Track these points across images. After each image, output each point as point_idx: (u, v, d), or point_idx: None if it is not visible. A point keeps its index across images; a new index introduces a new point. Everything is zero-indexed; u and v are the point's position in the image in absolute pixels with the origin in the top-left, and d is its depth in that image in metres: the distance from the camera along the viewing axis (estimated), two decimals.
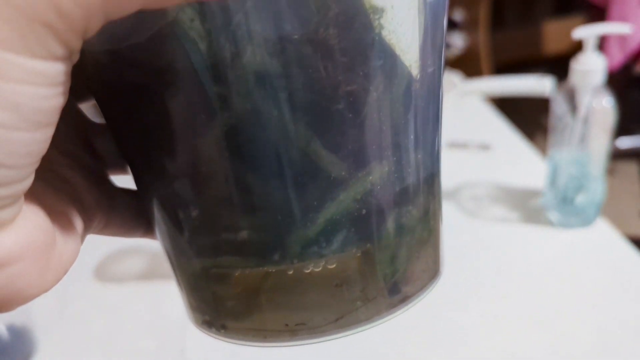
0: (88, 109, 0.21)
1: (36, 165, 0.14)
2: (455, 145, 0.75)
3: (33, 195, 0.15)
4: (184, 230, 0.18)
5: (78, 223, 0.18)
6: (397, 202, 0.18)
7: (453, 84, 0.72)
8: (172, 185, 0.18)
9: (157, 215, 0.19)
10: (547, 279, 0.54)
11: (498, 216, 0.63)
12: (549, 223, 0.61)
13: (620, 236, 0.58)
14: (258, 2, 0.14)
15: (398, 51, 0.16)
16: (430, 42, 0.17)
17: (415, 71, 0.17)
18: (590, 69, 0.53)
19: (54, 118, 0.14)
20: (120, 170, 0.22)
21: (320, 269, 0.17)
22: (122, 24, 0.13)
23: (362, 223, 0.17)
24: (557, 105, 0.58)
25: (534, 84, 0.65)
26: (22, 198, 0.15)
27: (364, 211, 0.17)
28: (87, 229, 0.19)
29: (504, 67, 1.68)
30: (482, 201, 0.65)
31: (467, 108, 0.81)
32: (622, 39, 1.28)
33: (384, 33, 0.15)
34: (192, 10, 0.14)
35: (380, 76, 0.16)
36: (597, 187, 0.59)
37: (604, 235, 0.59)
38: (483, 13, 1.63)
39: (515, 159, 0.72)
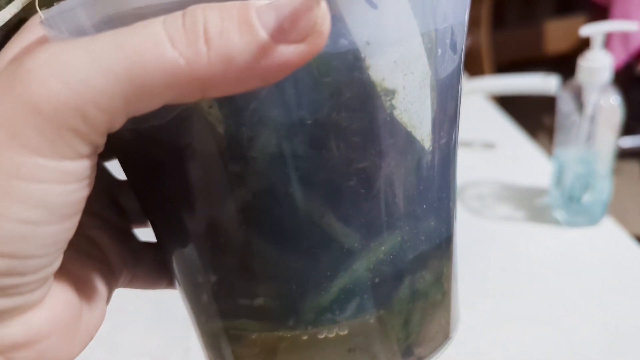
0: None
1: (64, 248, 0.15)
2: (459, 143, 0.74)
3: (61, 269, 0.15)
4: (203, 293, 0.19)
5: (104, 288, 0.18)
6: (410, 269, 0.18)
7: None
8: (191, 251, 0.18)
9: (178, 276, 0.20)
10: (553, 277, 0.54)
11: (503, 215, 0.62)
12: (555, 222, 0.60)
13: (626, 235, 0.57)
14: (272, 91, 0.14)
15: (410, 128, 0.16)
16: (443, 115, 0.17)
17: (427, 144, 0.17)
18: (598, 66, 0.53)
19: (81, 207, 0.14)
20: (144, 224, 0.22)
21: (333, 334, 0.18)
22: None
23: (375, 291, 0.18)
24: (564, 103, 0.58)
25: (539, 83, 0.64)
26: (52, 278, 0.15)
27: (377, 280, 0.17)
28: (113, 288, 0.19)
29: (505, 67, 1.67)
30: (487, 200, 0.65)
31: (471, 107, 0.80)
32: (626, 38, 1.27)
33: (396, 113, 0.16)
34: (210, 98, 0.14)
35: (392, 153, 0.16)
36: (603, 186, 0.58)
37: (611, 233, 0.58)
38: (484, 13, 1.62)
39: (520, 158, 0.72)
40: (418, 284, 0.18)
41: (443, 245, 0.19)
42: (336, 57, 0.14)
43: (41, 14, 0.15)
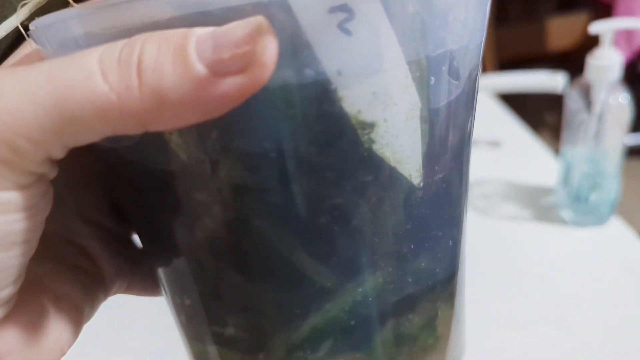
0: None
1: (19, 274, 0.14)
2: None
3: (35, 286, 0.15)
4: (181, 313, 0.18)
5: (86, 303, 0.18)
6: (393, 312, 0.17)
7: None
8: (168, 272, 0.18)
9: (162, 292, 0.19)
10: (561, 277, 0.53)
11: (509, 214, 0.62)
12: (562, 221, 0.59)
13: (634, 234, 0.57)
14: (233, 120, 0.13)
15: (394, 163, 0.15)
16: (440, 147, 0.16)
17: (416, 180, 0.15)
18: (607, 64, 0.52)
19: (32, 234, 0.14)
20: None
21: None
22: None
23: (352, 333, 0.16)
24: (572, 101, 0.57)
25: (546, 80, 0.63)
26: (11, 300, 0.15)
27: (352, 322, 0.16)
28: (99, 301, 0.19)
29: (507, 63, 1.66)
30: (492, 199, 0.64)
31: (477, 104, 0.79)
32: (629, 35, 1.26)
33: (376, 147, 0.14)
34: None
35: (372, 189, 0.15)
36: (611, 185, 0.57)
37: (618, 233, 0.57)
38: None
39: (526, 156, 0.71)
40: (404, 328, 0.17)
41: (438, 287, 0.18)
42: (301, 88, 0.13)
43: (22, 29, 0.15)
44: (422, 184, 0.16)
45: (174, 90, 0.11)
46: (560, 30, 1.99)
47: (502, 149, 0.71)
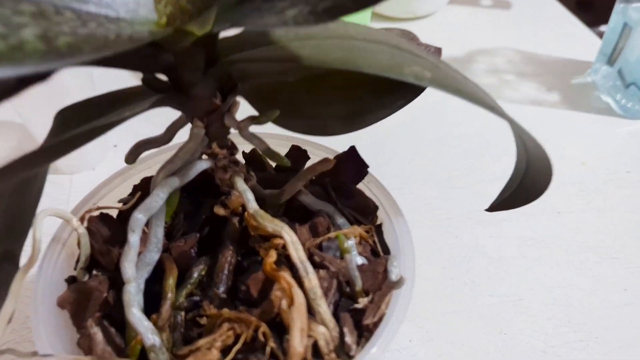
0: None
1: None
2: (463, 1, 0.55)
3: None
4: None
5: None
6: None
7: None
8: None
9: None
10: (601, 184, 0.38)
11: (528, 97, 0.44)
12: (603, 110, 0.43)
13: None
14: None
15: None
16: None
17: None
18: None
19: None
20: None
21: None
22: None
23: None
24: None
25: None
26: None
27: None
28: None
29: None
30: (505, 75, 0.47)
31: None
32: None
33: None
34: None
35: None
36: None
37: None
38: None
39: (547, 20, 0.53)
40: None
41: None
42: None
43: None
44: None
45: None
46: None
47: (514, 11, 0.53)
